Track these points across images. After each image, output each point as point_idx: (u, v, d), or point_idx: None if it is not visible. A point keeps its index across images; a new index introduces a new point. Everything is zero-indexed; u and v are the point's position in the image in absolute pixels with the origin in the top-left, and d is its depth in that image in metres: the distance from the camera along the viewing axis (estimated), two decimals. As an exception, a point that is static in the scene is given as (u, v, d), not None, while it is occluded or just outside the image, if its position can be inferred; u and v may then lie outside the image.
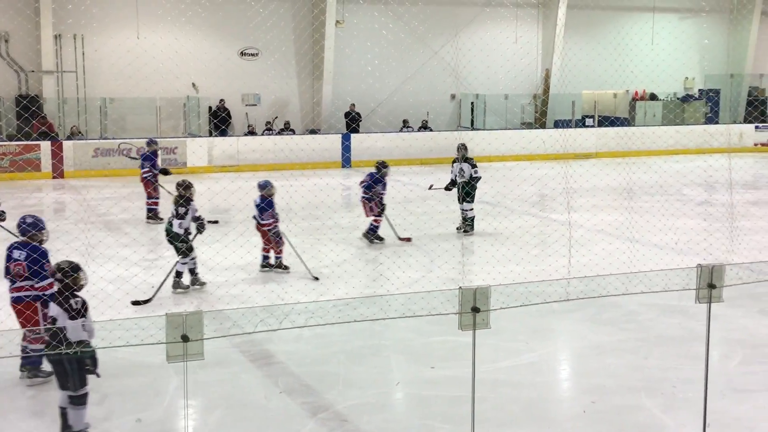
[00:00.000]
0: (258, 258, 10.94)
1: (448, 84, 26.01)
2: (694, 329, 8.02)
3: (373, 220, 12.53)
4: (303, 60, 25.04)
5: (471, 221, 13.21)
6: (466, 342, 5.01)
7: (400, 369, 7.63)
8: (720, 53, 29.92)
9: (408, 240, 12.57)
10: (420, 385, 7.20)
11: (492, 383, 7.02)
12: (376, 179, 12.48)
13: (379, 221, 12.52)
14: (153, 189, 14.36)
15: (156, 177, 14.36)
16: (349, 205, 16.95)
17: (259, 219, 10.70)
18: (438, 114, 26.45)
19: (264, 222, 10.67)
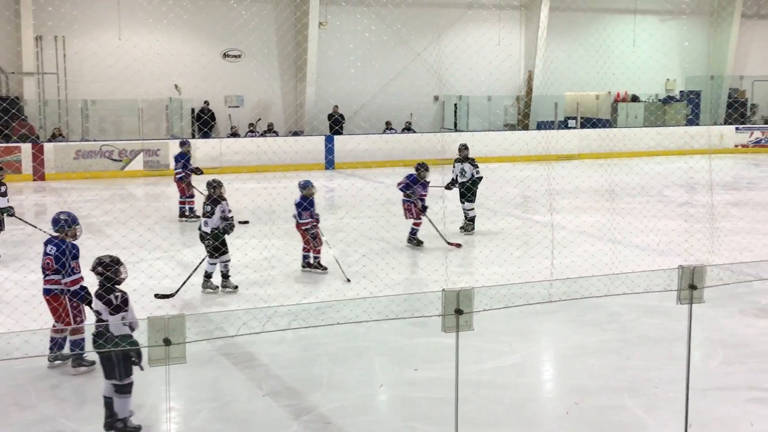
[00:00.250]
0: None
1: (431, 86, 26.03)
2: (675, 330, 8.05)
3: (413, 223, 12.41)
4: (286, 62, 25.00)
5: (472, 221, 13.44)
6: (449, 344, 5.01)
7: (383, 371, 7.63)
8: (701, 55, 30.17)
9: (458, 246, 12.36)
10: (403, 387, 7.20)
11: (475, 384, 7.04)
12: (414, 179, 12.33)
13: (419, 224, 12.38)
14: (186, 188, 14.83)
15: (189, 176, 14.84)
16: (333, 207, 16.93)
17: (298, 218, 10.76)
18: (421, 116, 26.48)
19: (302, 222, 10.74)
